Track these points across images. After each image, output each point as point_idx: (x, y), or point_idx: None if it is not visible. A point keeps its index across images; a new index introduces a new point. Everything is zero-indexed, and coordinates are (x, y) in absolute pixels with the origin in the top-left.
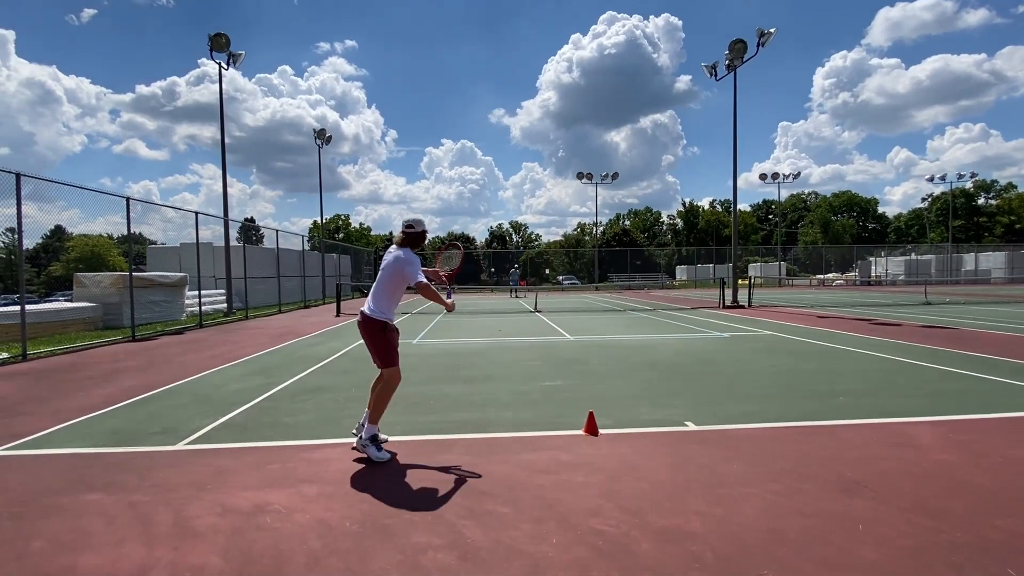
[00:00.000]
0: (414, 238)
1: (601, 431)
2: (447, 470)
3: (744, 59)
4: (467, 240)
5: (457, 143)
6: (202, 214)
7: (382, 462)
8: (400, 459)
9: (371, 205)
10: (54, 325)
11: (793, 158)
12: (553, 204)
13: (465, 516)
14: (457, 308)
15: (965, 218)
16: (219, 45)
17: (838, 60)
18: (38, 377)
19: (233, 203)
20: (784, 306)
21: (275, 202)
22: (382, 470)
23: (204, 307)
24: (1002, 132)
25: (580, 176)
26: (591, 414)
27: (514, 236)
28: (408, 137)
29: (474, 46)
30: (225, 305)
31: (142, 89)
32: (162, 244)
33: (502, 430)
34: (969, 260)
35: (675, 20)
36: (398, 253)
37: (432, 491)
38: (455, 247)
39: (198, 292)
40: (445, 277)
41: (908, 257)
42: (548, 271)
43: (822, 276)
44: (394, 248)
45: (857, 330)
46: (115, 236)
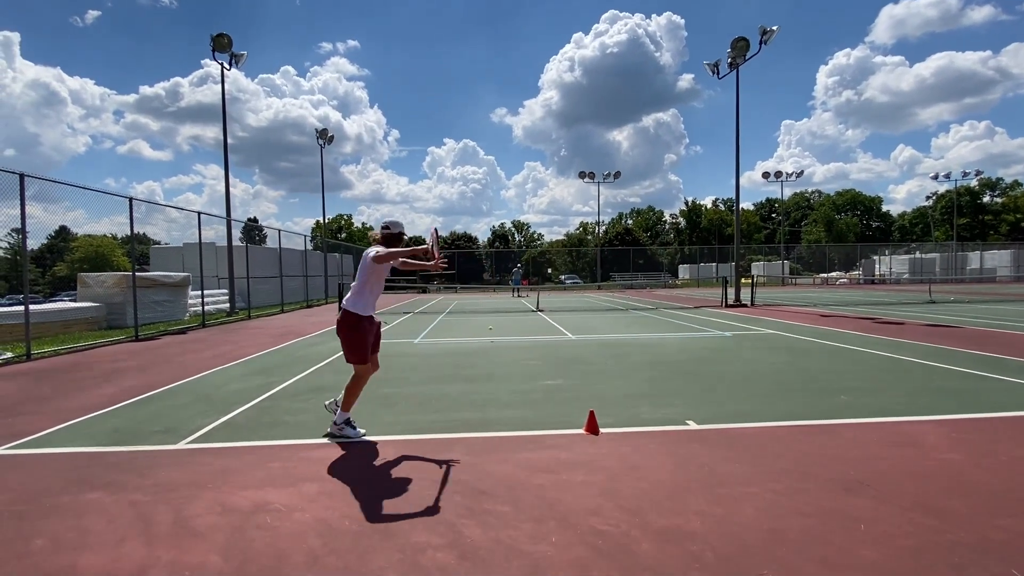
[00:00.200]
0: (390, 239)
1: (602, 430)
2: (447, 469)
3: (747, 57)
4: (469, 239)
5: (459, 143)
6: (205, 214)
7: (359, 439)
8: (400, 458)
9: (373, 205)
10: (58, 325)
11: (796, 156)
12: (555, 203)
13: (465, 515)
14: (458, 308)
15: (970, 216)
16: (221, 46)
17: (841, 58)
18: (41, 377)
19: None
20: (787, 305)
21: (278, 202)
22: (382, 469)
23: (207, 307)
24: (1008, 130)
25: (582, 175)
26: (592, 413)
27: (516, 235)
28: (410, 137)
29: (476, 45)
30: (228, 305)
31: (145, 90)
32: (165, 244)
33: (502, 429)
34: (974, 258)
35: (677, 19)
36: (368, 250)
37: (432, 490)
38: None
39: (201, 292)
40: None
41: (912, 256)
42: (550, 270)
43: (825, 275)
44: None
45: (860, 329)
46: (119, 236)
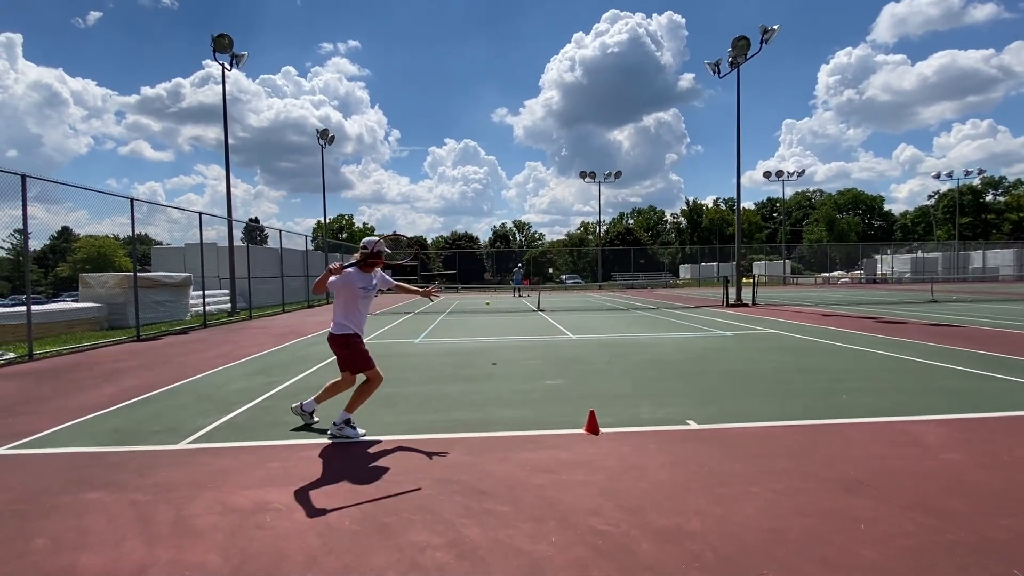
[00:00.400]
0: (365, 258)
1: (602, 430)
2: (447, 469)
3: (747, 56)
4: (470, 239)
5: (460, 143)
6: (206, 215)
7: (359, 439)
8: (400, 458)
9: (375, 205)
10: (60, 325)
11: (798, 156)
12: (556, 203)
13: (464, 515)
14: (459, 308)
15: (972, 215)
16: (222, 46)
17: (843, 57)
18: (43, 377)
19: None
20: (788, 304)
21: (279, 202)
22: (382, 469)
23: (208, 307)
24: (1011, 128)
25: (583, 175)
26: (592, 413)
27: (517, 235)
28: (411, 137)
29: (476, 45)
30: (229, 305)
31: (147, 91)
32: (167, 245)
33: (502, 429)
34: (976, 258)
35: (678, 18)
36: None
37: (431, 490)
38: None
39: (202, 292)
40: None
41: (914, 255)
42: (551, 270)
43: (827, 274)
44: (369, 274)
45: (862, 328)
46: (121, 237)
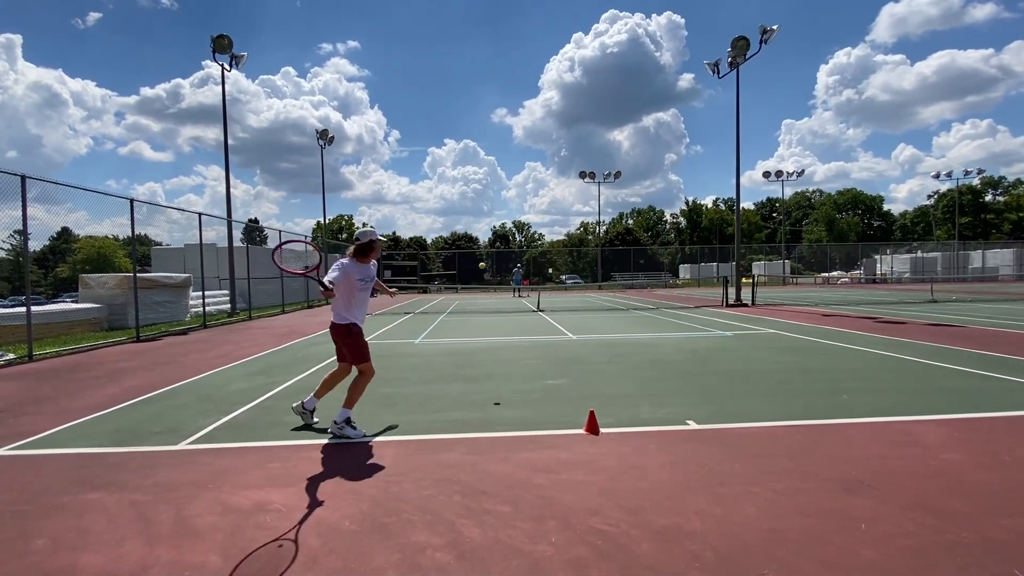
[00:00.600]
0: (361, 249)
1: (602, 430)
2: (447, 469)
3: (747, 57)
4: (470, 240)
5: (460, 143)
6: (206, 215)
7: (359, 439)
8: (400, 458)
9: (374, 205)
10: (60, 326)
11: (797, 156)
12: (556, 203)
13: (464, 515)
14: (459, 308)
15: (972, 215)
16: (222, 47)
17: (842, 57)
18: (43, 377)
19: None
20: (788, 304)
21: (279, 203)
22: (382, 469)
23: (208, 308)
24: (1010, 128)
25: (583, 175)
26: (592, 413)
27: (517, 235)
28: (411, 137)
29: (476, 46)
30: (229, 306)
31: (146, 91)
32: (167, 245)
33: (502, 429)
34: (976, 257)
35: (677, 18)
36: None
37: (431, 490)
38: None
39: (202, 293)
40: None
41: (914, 255)
42: (551, 270)
43: (827, 274)
44: (365, 264)
45: (862, 328)
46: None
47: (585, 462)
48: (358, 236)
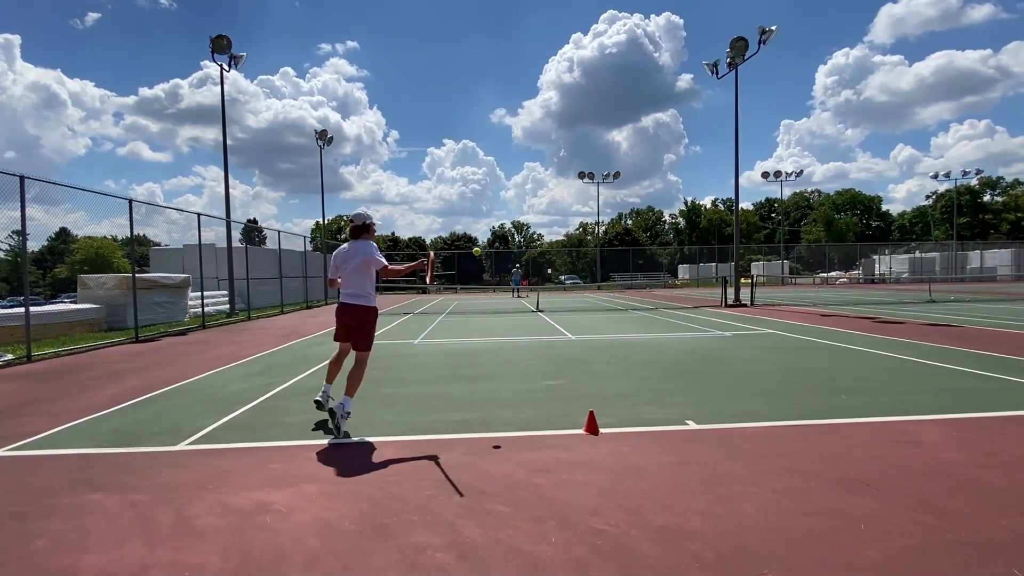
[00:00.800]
0: (359, 230)
1: (602, 430)
2: (447, 469)
3: (746, 57)
4: (469, 240)
5: (459, 143)
6: (205, 216)
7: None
8: (400, 458)
9: (373, 206)
10: (59, 326)
11: (796, 156)
12: (555, 204)
13: (464, 515)
14: (458, 308)
15: (970, 215)
16: (220, 47)
17: (840, 57)
18: (42, 378)
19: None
20: (787, 305)
21: (277, 203)
22: (382, 470)
23: (207, 308)
24: (1008, 128)
25: (582, 176)
26: (591, 413)
27: (516, 236)
28: (410, 138)
29: (475, 46)
30: (228, 306)
31: (145, 92)
32: (165, 246)
33: (502, 429)
34: (974, 258)
35: (676, 19)
36: (363, 243)
37: (431, 491)
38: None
39: (201, 293)
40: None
41: (912, 255)
42: (550, 271)
43: (825, 274)
44: (352, 242)
45: (860, 328)
46: (119, 238)
47: (585, 462)
48: (353, 217)
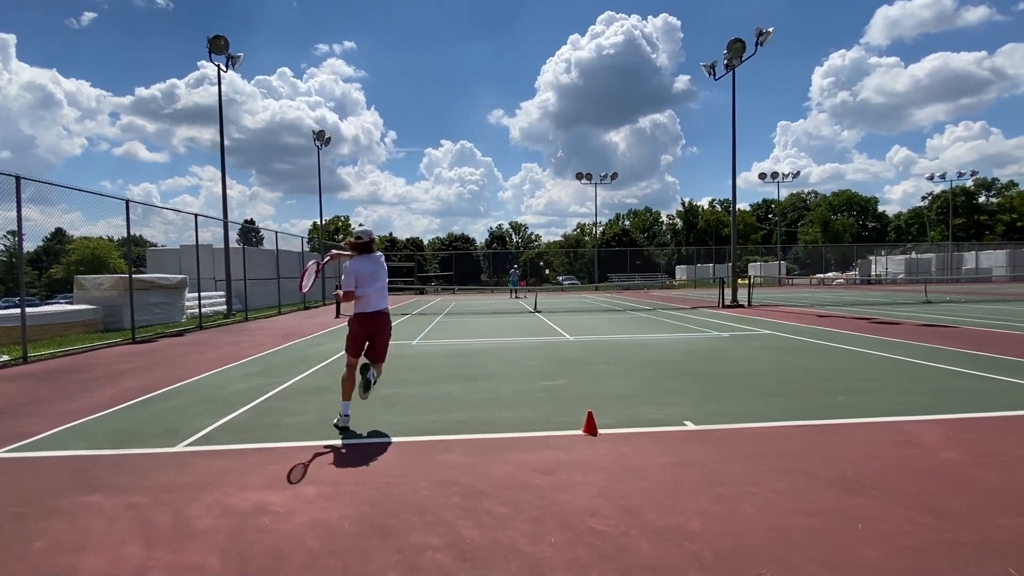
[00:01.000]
0: (368, 245)
1: (600, 431)
2: (446, 470)
3: (743, 59)
4: (467, 241)
5: (456, 144)
6: (202, 216)
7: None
8: (400, 459)
9: (371, 206)
10: (55, 327)
11: (792, 157)
12: (553, 204)
13: (463, 516)
14: (456, 309)
15: (966, 216)
16: (218, 47)
17: (837, 59)
18: (39, 379)
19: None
20: (784, 305)
21: (275, 204)
22: (381, 471)
23: (204, 309)
24: (1003, 130)
25: (579, 176)
26: (590, 414)
27: (514, 236)
28: (407, 138)
29: (473, 47)
30: (225, 307)
31: (141, 92)
32: (162, 246)
33: (502, 430)
34: (970, 258)
35: (673, 20)
36: (380, 258)
37: (431, 491)
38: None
39: (198, 294)
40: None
41: (908, 256)
42: (548, 271)
43: (822, 275)
44: (371, 256)
45: (857, 329)
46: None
47: (584, 463)
48: (362, 235)
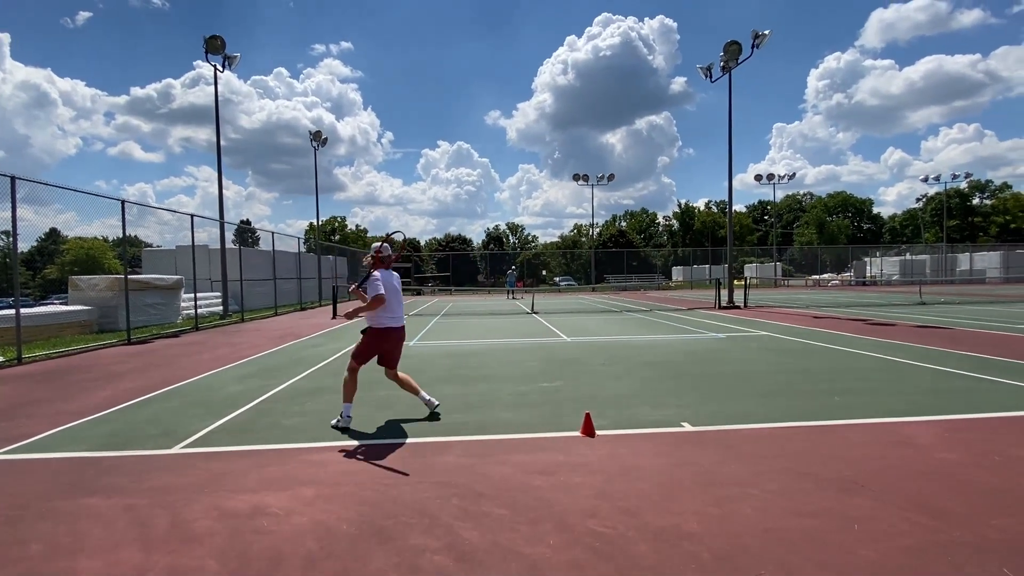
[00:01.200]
0: (387, 258)
1: (598, 432)
2: (445, 472)
3: (739, 61)
4: (464, 242)
5: (453, 145)
6: (198, 216)
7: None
8: (398, 461)
9: (367, 207)
10: (49, 328)
11: (788, 159)
12: (549, 205)
13: (462, 518)
14: (453, 310)
15: (960, 218)
16: (214, 47)
17: (832, 61)
18: (34, 380)
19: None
20: (780, 306)
21: (271, 204)
22: (380, 472)
23: (200, 310)
24: (997, 132)
25: (576, 178)
26: (588, 415)
27: (511, 237)
28: (404, 139)
29: (470, 48)
30: (221, 307)
31: (137, 91)
32: (158, 247)
33: (499, 431)
34: (964, 260)
35: (670, 22)
36: (395, 274)
37: (429, 493)
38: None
39: (194, 295)
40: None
41: (903, 257)
42: (545, 272)
43: (817, 276)
44: (390, 272)
45: (853, 330)
46: (111, 239)
47: (582, 464)
48: (382, 248)
